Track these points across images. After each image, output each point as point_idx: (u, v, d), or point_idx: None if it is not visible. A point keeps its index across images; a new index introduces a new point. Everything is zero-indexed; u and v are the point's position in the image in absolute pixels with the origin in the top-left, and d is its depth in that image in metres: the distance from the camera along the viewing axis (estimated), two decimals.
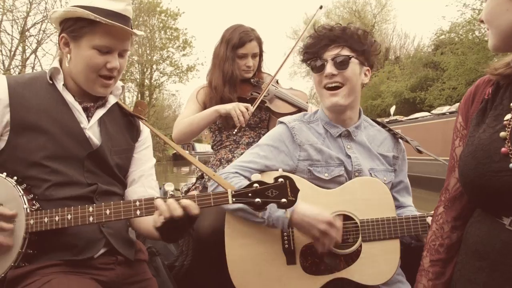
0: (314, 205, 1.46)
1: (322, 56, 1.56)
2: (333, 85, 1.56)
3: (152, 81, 29.00)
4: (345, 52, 1.55)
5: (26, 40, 15.26)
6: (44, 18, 15.13)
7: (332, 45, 1.56)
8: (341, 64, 1.54)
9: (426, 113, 12.96)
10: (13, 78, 1.37)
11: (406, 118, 13.47)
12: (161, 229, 1.24)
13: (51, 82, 1.40)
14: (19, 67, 14.75)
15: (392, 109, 14.78)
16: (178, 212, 1.20)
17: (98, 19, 1.30)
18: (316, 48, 1.57)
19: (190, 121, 2.18)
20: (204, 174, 2.18)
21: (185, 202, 1.21)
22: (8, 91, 1.32)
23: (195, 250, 1.87)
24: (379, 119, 1.85)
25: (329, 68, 1.54)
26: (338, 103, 1.56)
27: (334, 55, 1.55)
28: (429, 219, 1.49)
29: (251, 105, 2.13)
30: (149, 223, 1.35)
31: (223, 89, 2.22)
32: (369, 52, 1.60)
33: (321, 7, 2.43)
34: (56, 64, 1.41)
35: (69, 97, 1.39)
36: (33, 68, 15.24)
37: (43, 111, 1.34)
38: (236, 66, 2.25)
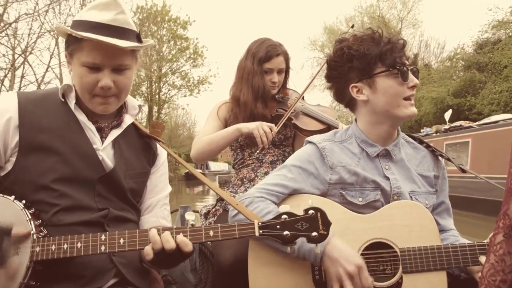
0: (347, 244, 1.32)
1: (404, 63, 1.42)
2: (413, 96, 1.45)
3: (160, 94, 27.99)
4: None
5: (17, 44, 14.08)
6: (29, 16, 13.79)
7: (403, 55, 1.44)
8: (416, 75, 1.44)
9: (510, 115, 10.72)
10: (24, 95, 1.30)
11: (477, 123, 10.79)
12: (152, 261, 1.18)
13: (63, 100, 1.31)
14: (5, 71, 13.67)
15: (448, 115, 12.11)
16: (171, 245, 1.13)
17: (74, 34, 1.21)
18: (398, 54, 1.42)
19: (209, 139, 2.06)
20: None
21: (180, 239, 1.15)
22: (18, 109, 1.25)
23: (214, 278, 1.73)
24: (432, 129, 1.70)
25: (415, 79, 1.43)
26: (416, 113, 1.45)
27: (410, 65, 1.44)
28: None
29: (276, 124, 2.01)
30: None
31: (255, 105, 2.10)
32: None
33: (352, 26, 2.31)
34: (68, 81, 1.33)
35: (81, 117, 1.31)
36: (22, 77, 14.44)
37: (54, 131, 1.26)
38: (265, 81, 2.13)
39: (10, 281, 1.13)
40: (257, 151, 2.02)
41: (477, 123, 10.83)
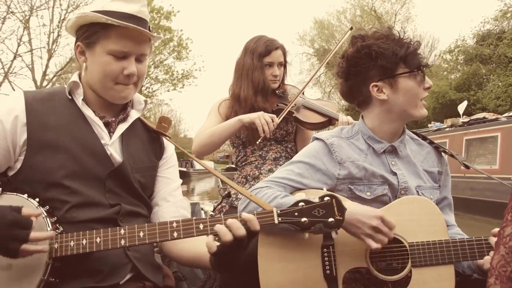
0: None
1: (426, 66, 1.47)
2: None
3: (142, 88, 26.73)
4: None
5: None
6: None
7: (421, 56, 1.47)
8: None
9: None
10: (30, 94, 1.31)
11: (506, 115, 9.48)
12: (218, 254, 1.15)
13: (70, 97, 1.32)
14: None
15: (462, 107, 10.81)
16: (242, 231, 1.12)
17: (110, 21, 1.23)
18: (419, 56, 1.46)
19: (211, 132, 2.09)
20: (232, 193, 2.07)
21: (246, 216, 1.14)
22: (25, 108, 1.25)
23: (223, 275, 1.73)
24: (446, 123, 1.74)
25: (429, 80, 1.47)
26: (426, 114, 1.51)
27: (427, 66, 1.48)
28: (492, 240, 1.37)
29: (277, 116, 2.03)
30: (189, 247, 1.29)
31: (255, 99, 2.14)
32: None
33: (351, 29, 2.35)
34: (75, 78, 1.34)
35: (89, 112, 1.32)
36: None
37: (61, 128, 1.27)
38: (265, 75, 2.17)
39: (30, 278, 1.13)
40: (259, 140, 2.04)
41: (505, 114, 9.59)
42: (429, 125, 12.01)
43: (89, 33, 1.28)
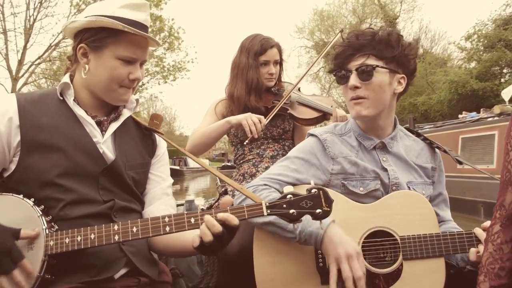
0: (349, 232, 1.37)
1: (346, 67, 1.47)
2: (356, 97, 1.47)
3: None
4: (371, 61, 1.44)
5: None
6: None
7: (357, 54, 1.45)
8: (365, 75, 1.44)
9: None
10: (23, 96, 1.34)
11: None
12: (200, 248, 1.19)
13: (61, 98, 1.35)
14: None
15: (509, 92, 8.67)
16: (216, 228, 1.15)
17: (127, 29, 1.28)
18: (341, 59, 1.48)
19: (202, 133, 2.12)
20: (228, 190, 2.09)
21: (222, 215, 1.16)
22: (18, 110, 1.28)
23: (220, 270, 1.76)
24: (494, 110, 1.67)
25: (352, 80, 1.45)
26: (361, 113, 1.47)
27: (358, 65, 1.45)
28: (477, 231, 1.39)
29: (266, 117, 2.06)
30: (177, 237, 1.31)
31: (248, 98, 2.16)
32: (403, 57, 1.48)
33: (342, 31, 2.38)
34: (66, 79, 1.37)
35: (80, 112, 1.35)
36: None
37: (54, 128, 1.30)
38: (260, 73, 2.19)
39: (27, 275, 1.15)
40: (246, 141, 2.07)
41: None
42: (460, 116, 10.37)
43: (98, 37, 1.31)
